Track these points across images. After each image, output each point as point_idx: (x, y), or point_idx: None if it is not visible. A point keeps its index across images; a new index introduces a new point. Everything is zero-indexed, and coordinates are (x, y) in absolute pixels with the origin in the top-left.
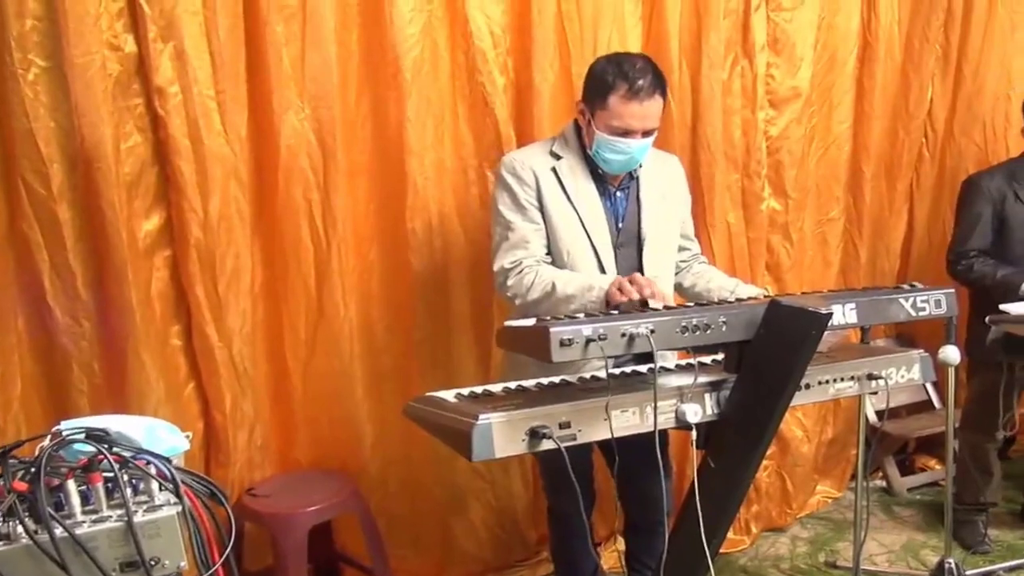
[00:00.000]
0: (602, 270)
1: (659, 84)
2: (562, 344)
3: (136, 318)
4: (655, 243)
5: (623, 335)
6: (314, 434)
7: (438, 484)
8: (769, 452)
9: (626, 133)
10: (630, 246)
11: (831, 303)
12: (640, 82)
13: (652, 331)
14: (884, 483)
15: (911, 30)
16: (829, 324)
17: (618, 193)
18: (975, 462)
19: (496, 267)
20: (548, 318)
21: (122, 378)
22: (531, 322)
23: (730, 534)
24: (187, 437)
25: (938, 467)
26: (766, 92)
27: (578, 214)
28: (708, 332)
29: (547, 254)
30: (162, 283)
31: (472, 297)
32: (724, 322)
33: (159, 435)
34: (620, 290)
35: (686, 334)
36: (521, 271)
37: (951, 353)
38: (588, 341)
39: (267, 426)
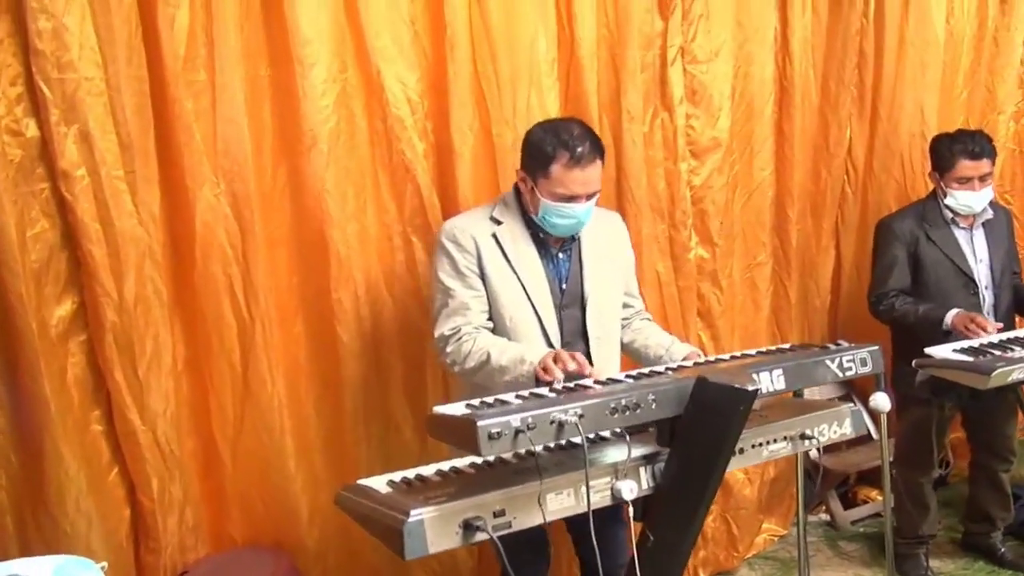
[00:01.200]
0: (545, 333)
1: (598, 148)
2: (490, 437)
3: (51, 409)
4: (598, 303)
5: (552, 422)
6: (247, 511)
7: (377, 553)
8: None
9: (571, 199)
10: (574, 307)
11: (758, 370)
12: (580, 149)
13: (581, 416)
14: (828, 517)
15: (826, 72)
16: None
17: (560, 255)
18: (911, 498)
19: (436, 334)
20: (477, 404)
21: (41, 471)
22: (460, 409)
23: None
24: (102, 568)
25: (879, 498)
26: (687, 143)
27: (519, 279)
28: (638, 411)
29: (488, 320)
30: (78, 368)
31: (404, 364)
32: (653, 400)
33: (71, 573)
34: (545, 370)
35: (616, 415)
36: (460, 339)
37: (882, 401)
38: (517, 432)
39: (198, 506)
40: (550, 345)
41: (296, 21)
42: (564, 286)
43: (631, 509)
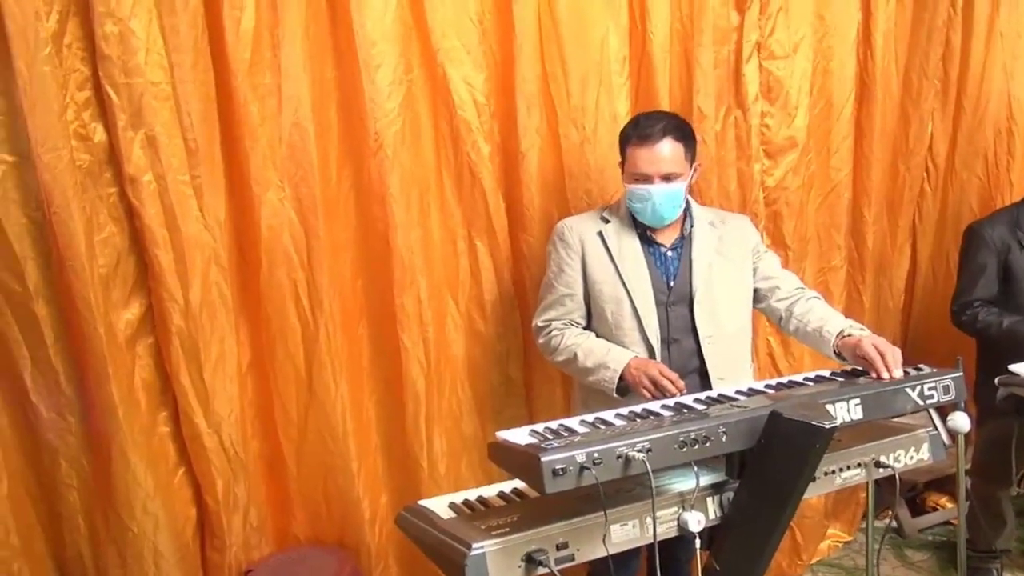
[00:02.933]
0: (643, 330)
1: (670, 130)
2: (555, 474)
3: (119, 413)
4: (707, 301)
5: (618, 457)
6: (311, 511)
7: None
8: None
9: (644, 179)
10: (682, 305)
11: (835, 400)
12: (648, 129)
13: (649, 450)
14: (895, 523)
15: (909, 65)
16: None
17: (669, 253)
18: (987, 511)
19: (532, 324)
20: (541, 431)
21: (109, 473)
22: (523, 437)
23: None
24: None
25: (949, 505)
26: (761, 142)
27: (620, 275)
28: (707, 445)
29: (584, 315)
30: (146, 371)
31: (466, 368)
32: (724, 432)
33: None
34: (647, 390)
35: (684, 448)
36: (549, 332)
37: (961, 422)
38: (582, 468)
39: (262, 507)
40: (647, 342)
41: (362, 22)
42: (672, 283)
43: (697, 541)
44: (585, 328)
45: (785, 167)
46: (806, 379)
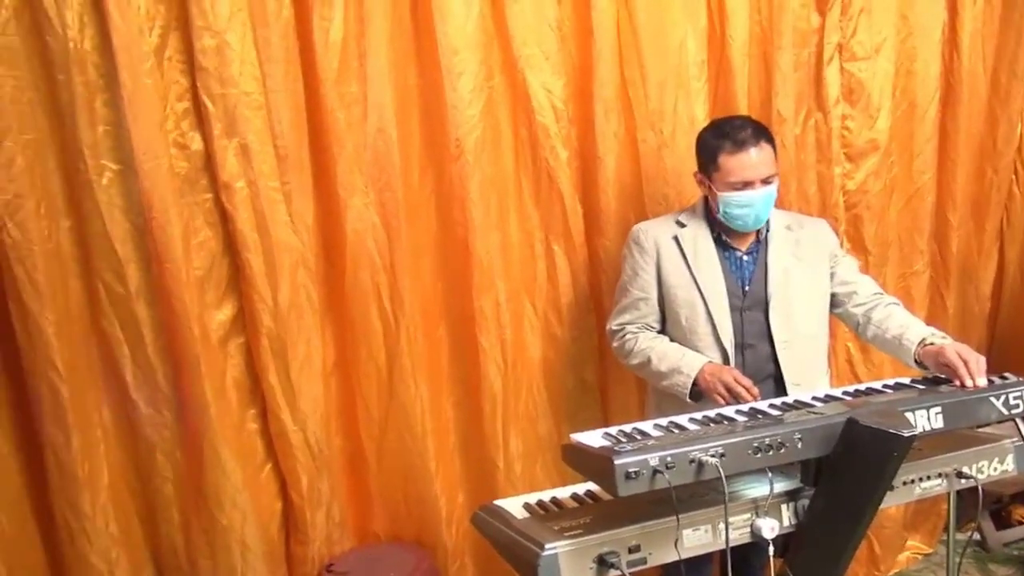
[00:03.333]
0: (716, 334)
1: (762, 134)
2: (628, 477)
3: (211, 411)
4: (783, 306)
5: (692, 462)
6: (390, 509)
7: None
8: None
9: (745, 185)
10: (757, 309)
11: (915, 408)
12: (740, 135)
13: (722, 455)
14: (978, 536)
15: (997, 65)
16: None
17: (744, 257)
18: None
19: (607, 327)
20: (615, 434)
21: (201, 467)
22: (597, 440)
23: None
24: None
25: None
26: (842, 145)
27: (695, 280)
28: (783, 451)
29: (658, 319)
30: (237, 370)
31: (542, 371)
32: (799, 439)
33: None
34: (721, 396)
35: (759, 454)
36: (624, 336)
37: None
38: (655, 472)
39: (344, 503)
40: (721, 347)
41: (445, 31)
42: (747, 288)
43: (771, 548)
44: (660, 332)
45: (866, 170)
46: (885, 386)
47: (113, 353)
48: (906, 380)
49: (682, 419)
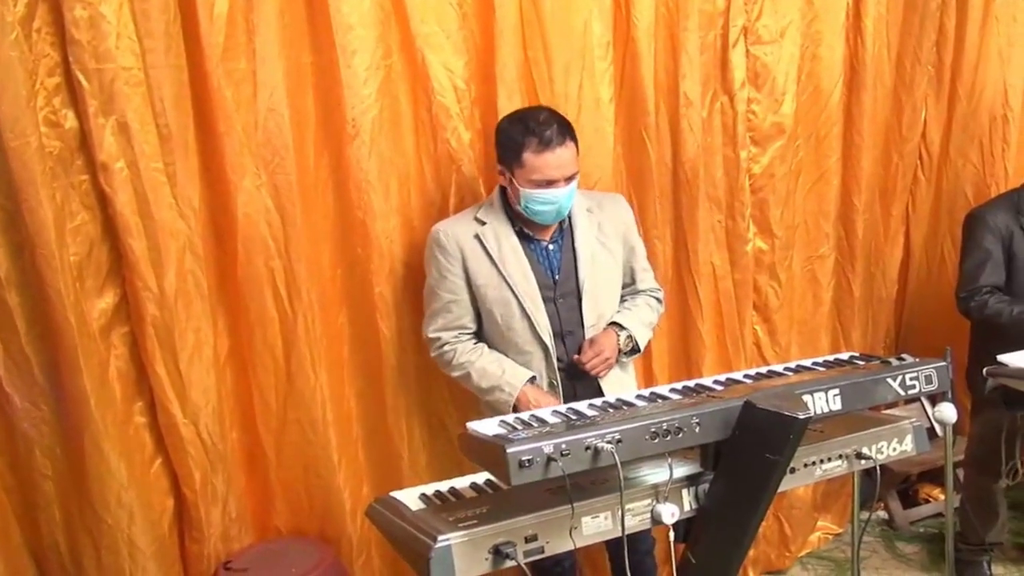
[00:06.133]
0: (534, 328)
1: (567, 131)
2: (521, 465)
3: (91, 405)
4: (594, 292)
5: (587, 448)
6: (291, 503)
7: None
8: None
9: (549, 183)
10: (570, 297)
11: (813, 390)
12: (547, 133)
13: (619, 441)
14: (886, 515)
15: (902, 51)
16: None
17: (550, 247)
18: (978, 503)
19: (423, 336)
20: (511, 422)
21: (82, 464)
22: (492, 428)
23: None
24: None
25: (942, 497)
26: (748, 129)
27: (503, 276)
28: (680, 436)
29: (473, 319)
30: (121, 361)
31: None
32: (697, 423)
33: None
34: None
35: (656, 440)
36: (441, 347)
37: (947, 412)
38: (549, 460)
39: (241, 498)
40: (540, 339)
41: (338, 6)
42: (557, 277)
43: (671, 533)
44: (476, 332)
45: (772, 154)
46: (787, 369)
47: None
48: (808, 363)
49: (581, 406)
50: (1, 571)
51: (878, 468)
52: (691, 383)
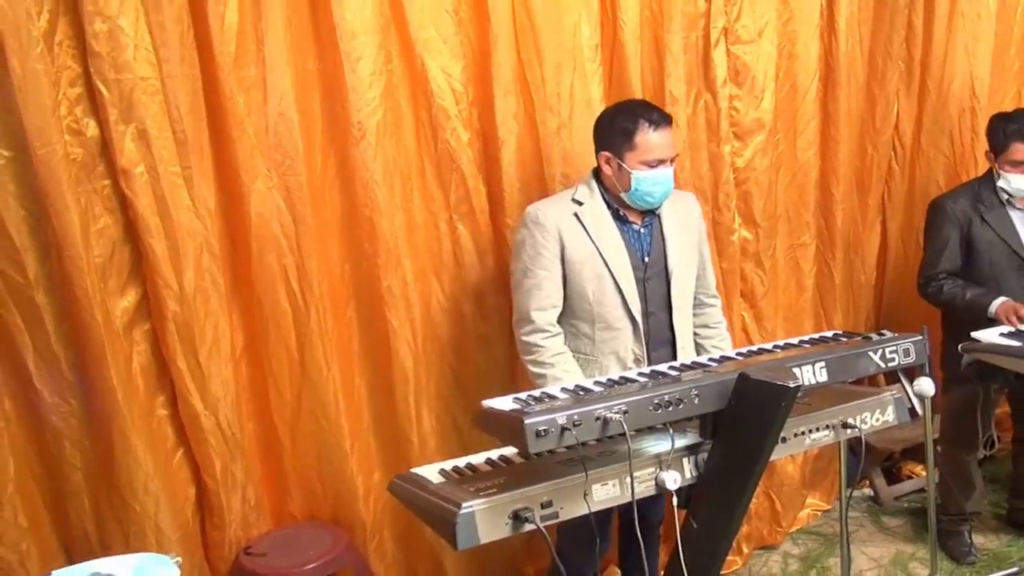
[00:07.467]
0: (626, 304)
1: (667, 116)
2: (537, 435)
3: (119, 397)
4: (681, 274)
5: (597, 419)
6: (306, 489)
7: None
8: None
9: (659, 163)
10: (658, 279)
11: (801, 364)
12: (655, 115)
13: (625, 412)
14: (872, 492)
15: (873, 47)
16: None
17: (641, 230)
18: (955, 476)
19: (515, 315)
20: (524, 399)
21: (111, 454)
22: (508, 404)
23: None
24: (176, 563)
25: (923, 473)
26: (730, 125)
27: (600, 253)
28: (681, 406)
29: (562, 297)
30: (143, 356)
31: (451, 348)
32: (696, 395)
33: (149, 570)
34: None
35: (659, 410)
36: (532, 333)
37: (926, 386)
38: (563, 429)
39: (259, 485)
40: (631, 315)
41: (342, 15)
42: (647, 259)
43: (675, 498)
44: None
45: (754, 148)
46: (775, 346)
47: (14, 342)
48: (795, 340)
49: (587, 383)
50: (34, 559)
51: (863, 445)
52: (688, 361)
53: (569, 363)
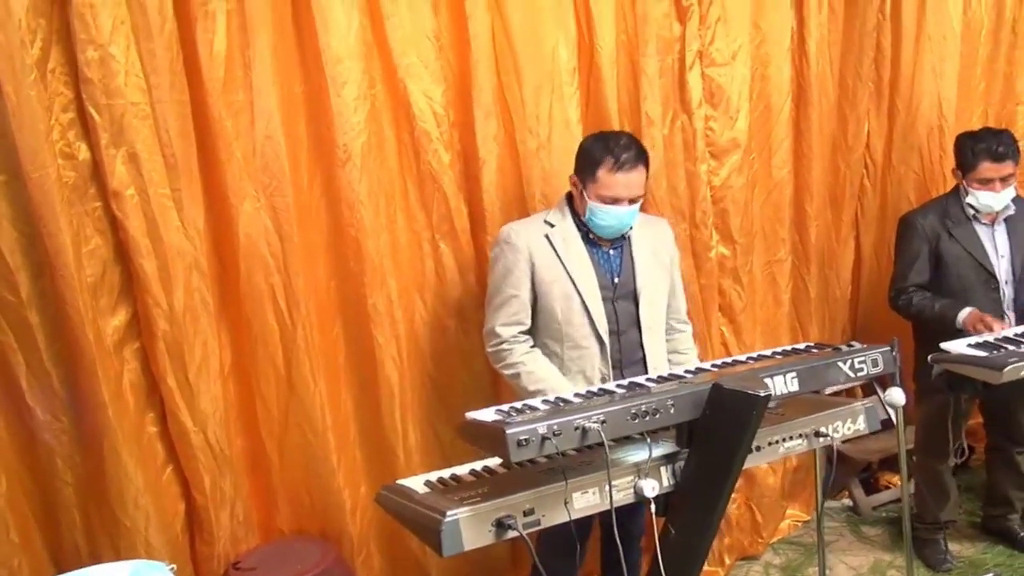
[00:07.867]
0: (592, 324)
1: (641, 157)
2: (519, 444)
3: (109, 413)
4: (649, 296)
5: (576, 428)
6: (294, 504)
7: (415, 541)
8: (737, 486)
9: (615, 201)
10: (627, 299)
11: (773, 374)
12: (624, 156)
13: (603, 422)
14: (851, 502)
15: (844, 69)
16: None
17: (611, 252)
18: (929, 484)
19: (485, 327)
20: (506, 410)
21: (102, 470)
22: (490, 415)
23: (705, 566)
24: (172, 570)
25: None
26: (706, 144)
27: (568, 273)
28: (657, 416)
29: (528, 315)
30: (134, 374)
31: (434, 363)
32: (672, 405)
33: None
34: None
35: (636, 420)
36: (500, 343)
37: (897, 396)
38: (543, 439)
39: (247, 501)
40: (597, 334)
41: (328, 42)
42: (617, 279)
43: (653, 505)
44: (529, 331)
45: (729, 167)
46: (749, 358)
47: (7, 360)
48: (768, 352)
49: (566, 394)
50: (26, 574)
51: (835, 453)
52: (665, 373)
53: (539, 359)
